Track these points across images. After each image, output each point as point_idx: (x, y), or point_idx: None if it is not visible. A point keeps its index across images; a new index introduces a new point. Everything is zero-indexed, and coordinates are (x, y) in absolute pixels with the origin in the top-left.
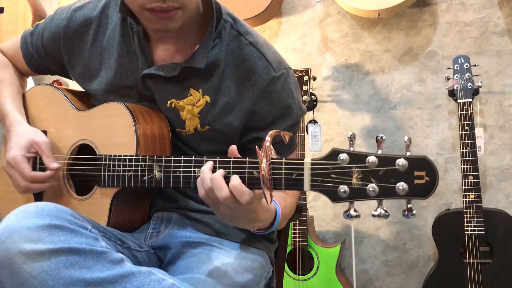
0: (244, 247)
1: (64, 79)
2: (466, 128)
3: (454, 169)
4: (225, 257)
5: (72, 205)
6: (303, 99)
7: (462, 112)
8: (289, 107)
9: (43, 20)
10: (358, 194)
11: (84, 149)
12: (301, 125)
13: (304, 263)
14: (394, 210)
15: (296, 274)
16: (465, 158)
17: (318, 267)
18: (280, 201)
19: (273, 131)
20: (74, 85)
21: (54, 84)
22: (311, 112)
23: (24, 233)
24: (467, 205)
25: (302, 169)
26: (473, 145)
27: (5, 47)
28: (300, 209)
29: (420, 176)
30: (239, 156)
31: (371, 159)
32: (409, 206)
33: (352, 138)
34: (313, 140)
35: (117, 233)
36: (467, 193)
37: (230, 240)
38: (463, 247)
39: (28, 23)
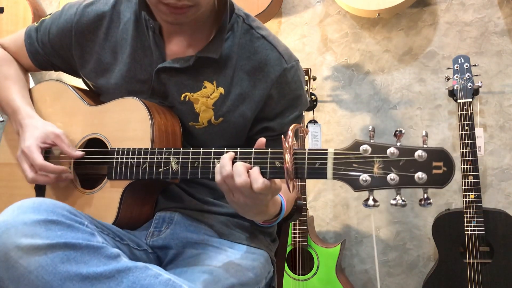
0: (245, 247)
1: (65, 78)
2: (466, 128)
3: None
4: (226, 257)
5: (78, 198)
6: None
7: (462, 112)
8: (298, 98)
9: (48, 15)
10: (379, 182)
11: (93, 144)
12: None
13: (304, 263)
14: (395, 210)
15: (296, 274)
16: (465, 158)
17: (318, 267)
18: (284, 195)
19: (295, 124)
20: (76, 83)
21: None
22: (311, 112)
23: (20, 228)
24: (467, 205)
25: (326, 159)
26: (473, 145)
27: (7, 42)
28: (300, 209)
29: (438, 166)
30: (263, 148)
31: (392, 150)
32: (425, 195)
33: (372, 132)
34: (313, 140)
35: (116, 230)
36: (467, 193)
37: (231, 241)
38: (463, 247)
39: (28, 23)
